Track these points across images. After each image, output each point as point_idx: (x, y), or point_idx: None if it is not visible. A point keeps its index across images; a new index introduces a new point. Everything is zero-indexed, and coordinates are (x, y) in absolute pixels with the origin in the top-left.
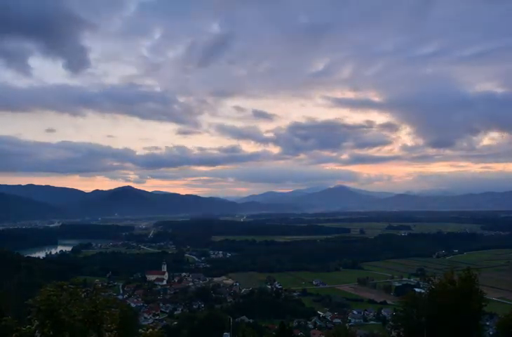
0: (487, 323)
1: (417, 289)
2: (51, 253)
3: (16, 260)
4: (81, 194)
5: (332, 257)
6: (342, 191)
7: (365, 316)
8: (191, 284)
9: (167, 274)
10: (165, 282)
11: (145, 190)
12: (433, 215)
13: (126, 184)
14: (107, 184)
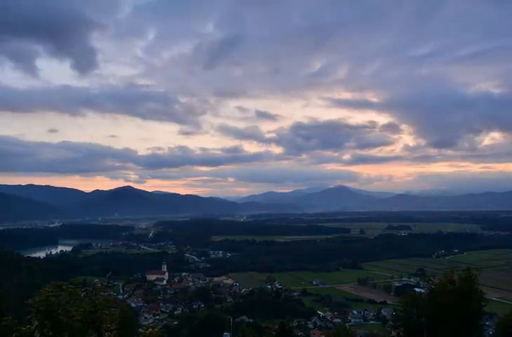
0: (487, 323)
1: (417, 289)
2: (51, 253)
3: (16, 260)
4: (81, 194)
5: (332, 257)
6: (342, 191)
7: (365, 316)
8: (191, 284)
9: (167, 274)
10: (165, 282)
11: (145, 190)
12: (433, 215)
13: (126, 184)
14: (107, 184)
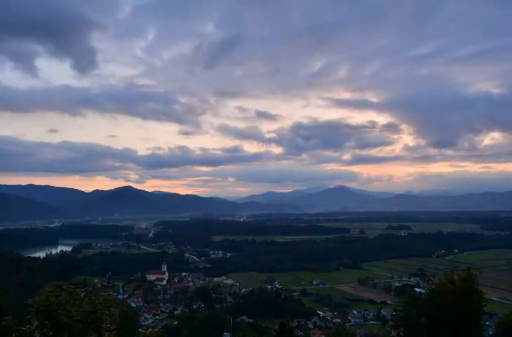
0: (487, 323)
1: (417, 289)
2: (51, 253)
3: (16, 260)
4: (81, 194)
5: (332, 257)
6: (342, 191)
7: (365, 316)
8: (191, 284)
9: (167, 274)
10: (165, 282)
11: (145, 190)
12: (433, 215)
13: (126, 184)
14: (107, 184)
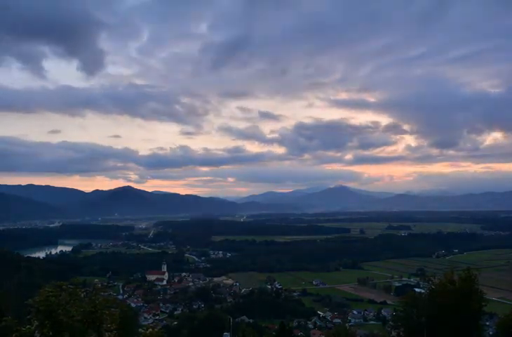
0: (487, 323)
1: (417, 289)
2: (51, 253)
3: (16, 260)
4: (81, 194)
5: (332, 257)
6: (342, 191)
7: (365, 316)
8: (191, 284)
9: (167, 274)
10: (165, 282)
11: (145, 190)
12: (433, 215)
13: (126, 184)
14: (107, 184)
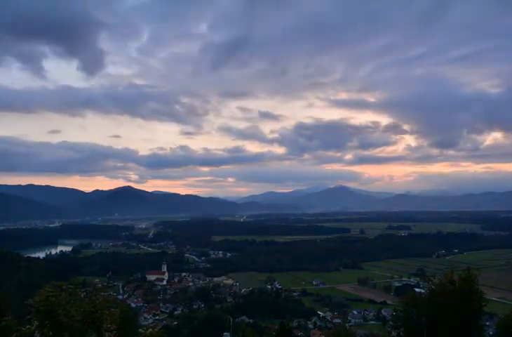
0: (487, 323)
1: (417, 289)
2: (51, 253)
3: (16, 260)
4: (81, 194)
5: (332, 257)
6: (342, 191)
7: (365, 316)
8: (191, 284)
9: (167, 274)
10: (165, 282)
11: (145, 190)
12: (433, 215)
13: (126, 184)
14: (107, 184)
